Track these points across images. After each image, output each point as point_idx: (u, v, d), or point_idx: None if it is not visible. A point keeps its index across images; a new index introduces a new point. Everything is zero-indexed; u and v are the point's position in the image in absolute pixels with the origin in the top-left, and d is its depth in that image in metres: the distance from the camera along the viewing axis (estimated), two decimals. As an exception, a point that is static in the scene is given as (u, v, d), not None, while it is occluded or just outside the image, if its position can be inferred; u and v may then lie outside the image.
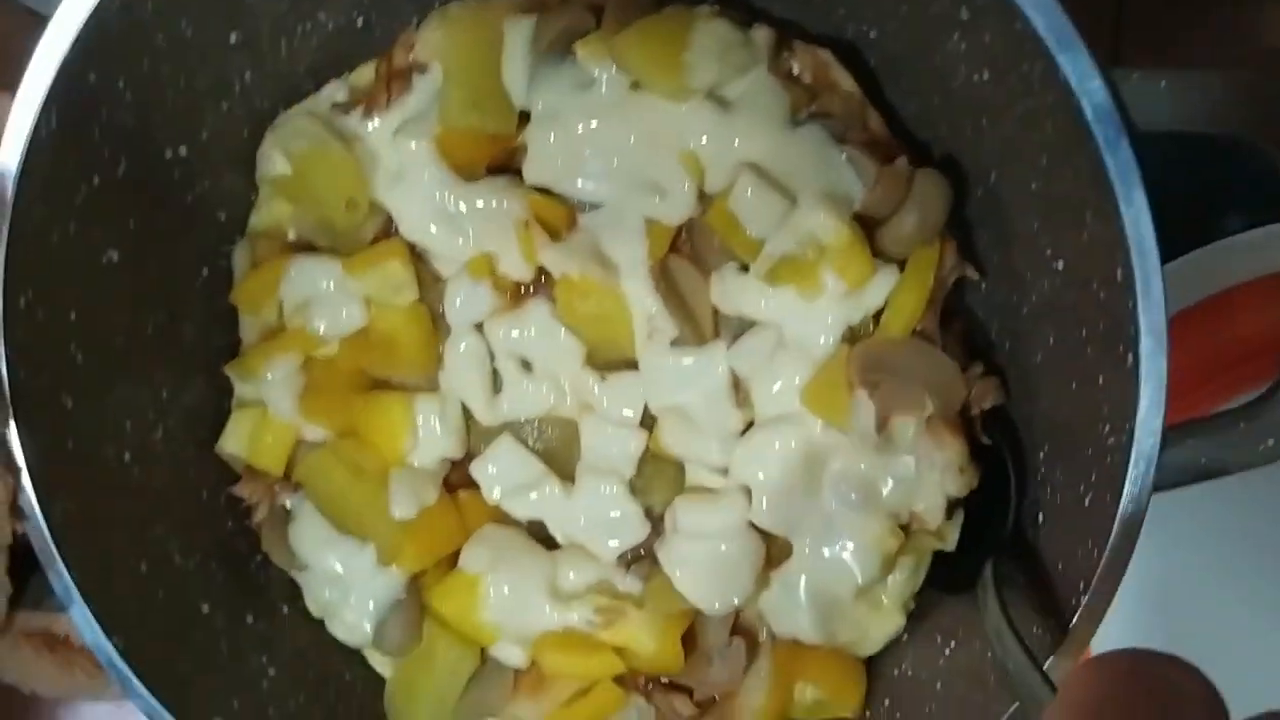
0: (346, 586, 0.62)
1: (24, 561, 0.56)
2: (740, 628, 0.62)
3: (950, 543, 0.60)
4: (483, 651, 0.63)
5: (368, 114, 0.61)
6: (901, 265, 0.57)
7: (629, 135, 0.58)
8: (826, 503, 0.58)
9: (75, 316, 0.57)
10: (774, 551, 0.60)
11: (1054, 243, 0.55)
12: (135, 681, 0.56)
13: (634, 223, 0.58)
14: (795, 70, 0.59)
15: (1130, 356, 0.49)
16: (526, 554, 0.62)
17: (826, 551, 0.59)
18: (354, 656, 0.66)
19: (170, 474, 0.63)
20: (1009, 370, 0.61)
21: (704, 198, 0.58)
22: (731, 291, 0.58)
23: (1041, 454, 0.59)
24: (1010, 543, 0.59)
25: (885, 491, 0.58)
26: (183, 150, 0.60)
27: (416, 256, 0.61)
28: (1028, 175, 0.55)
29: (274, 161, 0.62)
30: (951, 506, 0.59)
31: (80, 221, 0.56)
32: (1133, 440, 0.49)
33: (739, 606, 0.60)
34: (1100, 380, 0.52)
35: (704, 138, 0.57)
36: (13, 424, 0.54)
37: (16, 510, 0.54)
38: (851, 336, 0.57)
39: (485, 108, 0.59)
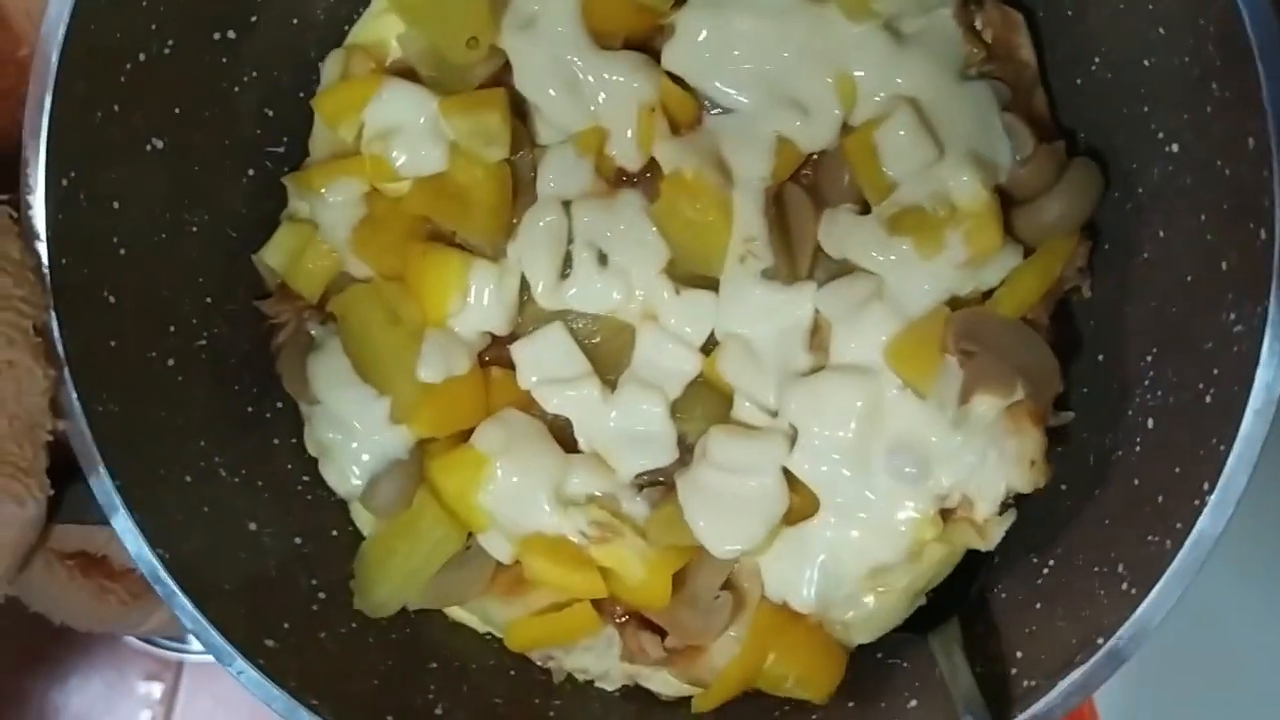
0: (351, 432, 0.59)
1: (62, 473, 0.53)
2: (730, 582, 0.59)
3: (990, 542, 0.56)
4: (468, 537, 0.60)
5: None
6: (1027, 253, 0.55)
7: (788, 45, 0.55)
8: (875, 468, 0.55)
9: (118, 206, 0.53)
10: (795, 507, 0.56)
11: (1168, 123, 0.51)
12: (180, 596, 0.53)
13: (766, 136, 0.55)
14: (978, 25, 0.56)
15: (1263, 232, 0.45)
16: (542, 448, 0.58)
17: (856, 520, 0.56)
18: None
19: (213, 385, 0.59)
20: (1108, 276, 0.58)
21: (843, 129, 0.55)
22: (843, 232, 0.55)
23: (1148, 358, 0.55)
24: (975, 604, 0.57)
25: (943, 470, 0.55)
26: (231, 34, 0.57)
27: (517, 113, 0.58)
28: (1138, 50, 0.51)
29: None
30: (1005, 505, 0.56)
31: (123, 101, 0.53)
32: (1266, 321, 0.45)
33: (744, 553, 0.57)
34: (1225, 265, 0.48)
35: (868, 66, 0.55)
36: (54, 314, 0.51)
37: (57, 407, 0.51)
38: (953, 304, 0.55)
39: None
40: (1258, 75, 0.44)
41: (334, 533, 0.63)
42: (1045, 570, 0.57)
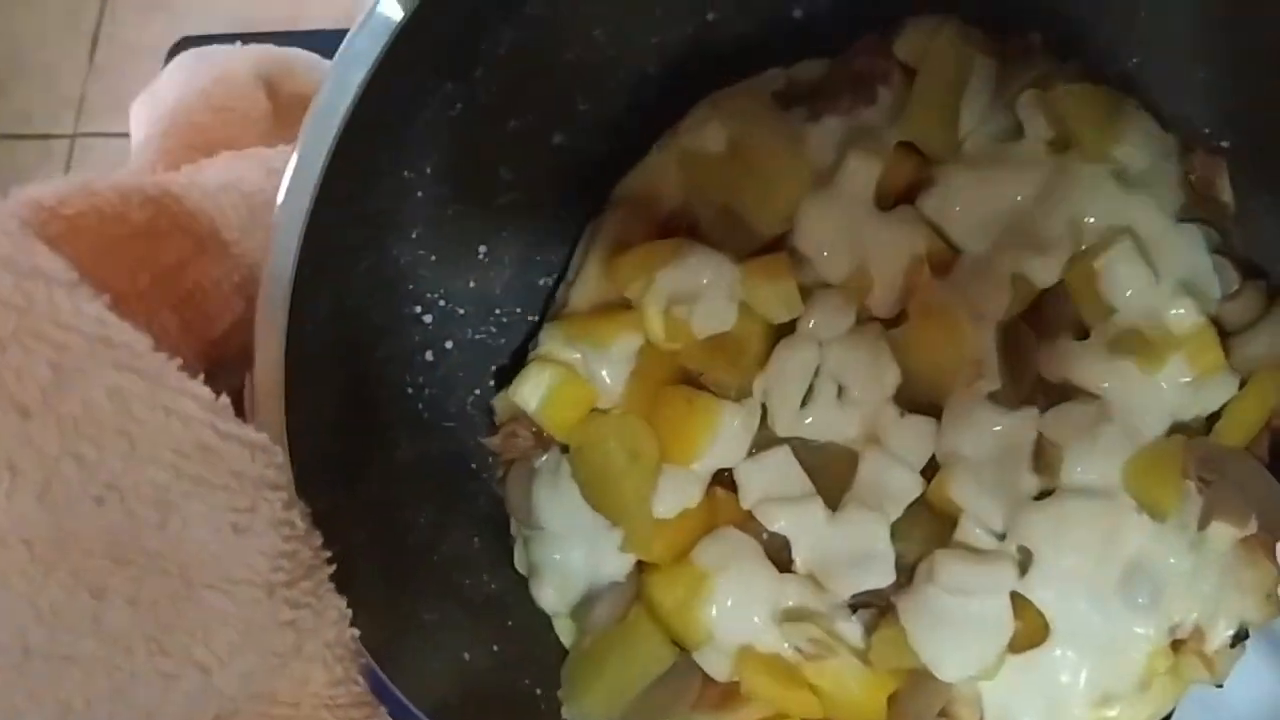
0: (571, 556, 0.61)
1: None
2: (946, 710, 0.58)
3: (1219, 677, 0.55)
4: (681, 651, 0.60)
5: (816, 115, 0.60)
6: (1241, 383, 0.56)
7: (1030, 190, 0.58)
8: (1109, 594, 0.55)
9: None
10: (1022, 633, 0.56)
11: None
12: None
13: (1002, 275, 0.57)
14: (1189, 174, 0.59)
15: None
16: (759, 565, 0.59)
17: (1087, 647, 0.55)
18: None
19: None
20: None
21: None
22: (1064, 357, 0.57)
23: None
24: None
25: (1178, 597, 0.54)
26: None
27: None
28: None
29: (710, 136, 0.61)
30: (1237, 638, 0.55)
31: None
32: None
33: (973, 677, 0.56)
34: None
35: (1098, 208, 0.57)
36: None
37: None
38: (1182, 430, 0.56)
39: (943, 129, 0.59)
40: None
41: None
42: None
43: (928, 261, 0.58)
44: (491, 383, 0.64)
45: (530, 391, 0.61)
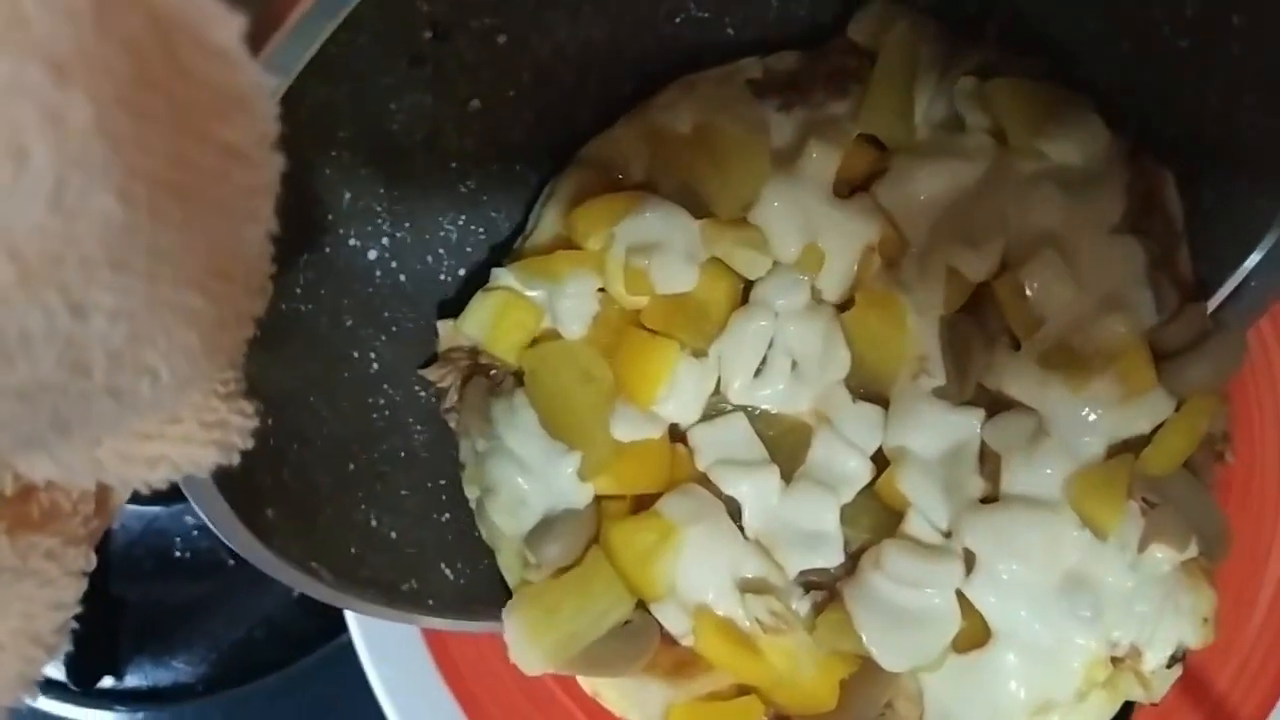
0: (529, 475, 0.58)
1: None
2: (889, 703, 0.58)
3: (1154, 695, 0.57)
4: (639, 606, 0.58)
5: (788, 106, 0.61)
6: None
7: (969, 184, 0.59)
8: (1050, 604, 0.55)
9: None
10: (966, 634, 0.56)
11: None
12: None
13: (938, 268, 0.58)
14: (1132, 182, 0.60)
15: None
16: (727, 527, 0.58)
17: (1029, 654, 0.56)
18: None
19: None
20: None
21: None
22: (1001, 366, 0.58)
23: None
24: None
25: (1117, 615, 0.55)
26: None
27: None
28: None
29: (678, 117, 0.62)
30: (1173, 659, 0.56)
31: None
32: None
33: (916, 668, 0.56)
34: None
35: (1028, 210, 0.58)
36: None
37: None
38: (1123, 448, 0.56)
39: (899, 120, 0.61)
40: None
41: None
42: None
43: (880, 251, 0.59)
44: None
45: (476, 319, 0.60)
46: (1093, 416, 0.56)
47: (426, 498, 0.60)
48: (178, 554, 0.80)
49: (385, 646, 0.65)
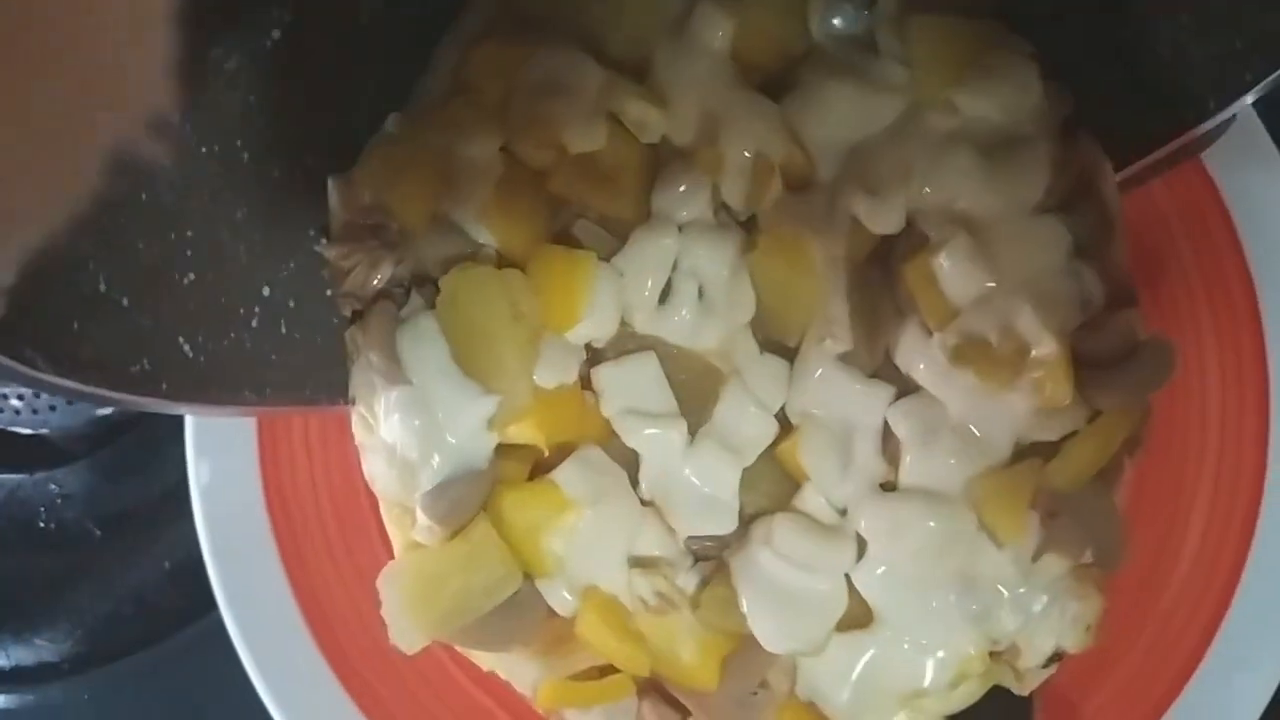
0: (433, 427, 0.53)
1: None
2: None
3: (1024, 688, 0.57)
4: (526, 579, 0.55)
5: None
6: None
7: (881, 123, 0.55)
8: (937, 597, 0.54)
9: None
10: (848, 614, 0.55)
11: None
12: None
13: (844, 212, 0.55)
14: (1064, 158, 0.55)
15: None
16: (625, 499, 0.55)
17: (908, 642, 0.55)
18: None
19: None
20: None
21: (913, 236, 0.54)
22: (910, 347, 0.54)
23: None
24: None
25: (1003, 615, 0.55)
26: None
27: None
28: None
29: None
30: (1049, 659, 0.56)
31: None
32: None
33: (800, 654, 0.55)
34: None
35: (942, 166, 0.54)
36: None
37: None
38: (1030, 452, 0.54)
39: (787, 16, 0.57)
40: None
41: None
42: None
43: (781, 171, 0.55)
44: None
45: (381, 172, 0.54)
46: (1002, 417, 0.53)
47: (168, 250, 0.48)
48: (41, 524, 0.76)
49: (258, 621, 0.61)
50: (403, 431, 0.54)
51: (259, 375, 0.52)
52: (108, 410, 0.74)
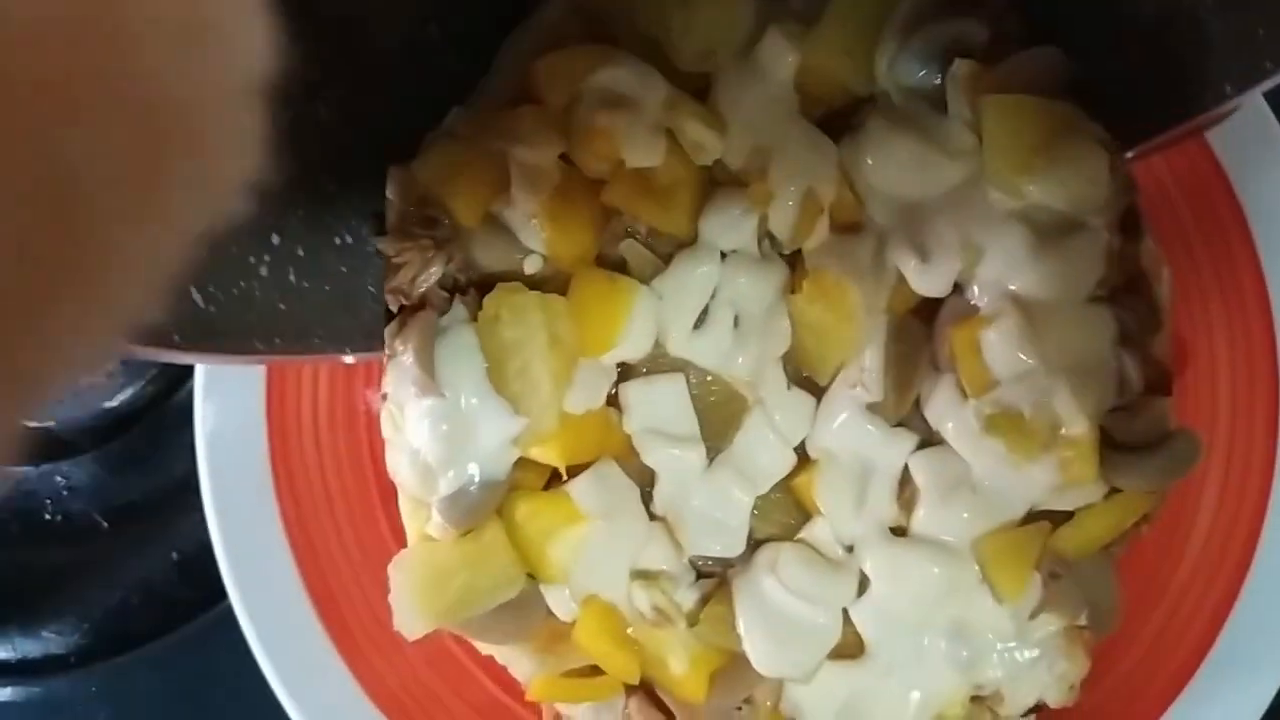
0: (461, 437, 0.54)
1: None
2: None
3: None
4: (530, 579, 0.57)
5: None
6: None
7: (938, 187, 0.55)
8: (929, 641, 0.56)
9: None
10: (840, 644, 0.56)
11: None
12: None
13: (891, 265, 0.55)
14: (1120, 252, 0.56)
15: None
16: (635, 515, 0.57)
17: (895, 679, 0.56)
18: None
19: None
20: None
21: (958, 303, 0.55)
22: (943, 408, 0.55)
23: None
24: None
25: (992, 665, 0.56)
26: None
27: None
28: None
29: None
30: (1030, 710, 0.57)
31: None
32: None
33: (790, 679, 0.56)
34: None
35: (1000, 244, 0.54)
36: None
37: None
38: (1041, 515, 0.55)
39: (848, 59, 0.57)
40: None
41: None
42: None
43: (829, 212, 0.55)
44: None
45: (438, 167, 0.55)
46: (1023, 486, 0.54)
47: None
48: (48, 516, 0.75)
49: (268, 610, 0.61)
50: (429, 439, 0.54)
51: (268, 324, 0.53)
52: (114, 402, 0.74)
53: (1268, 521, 0.62)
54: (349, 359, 0.58)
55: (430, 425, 0.54)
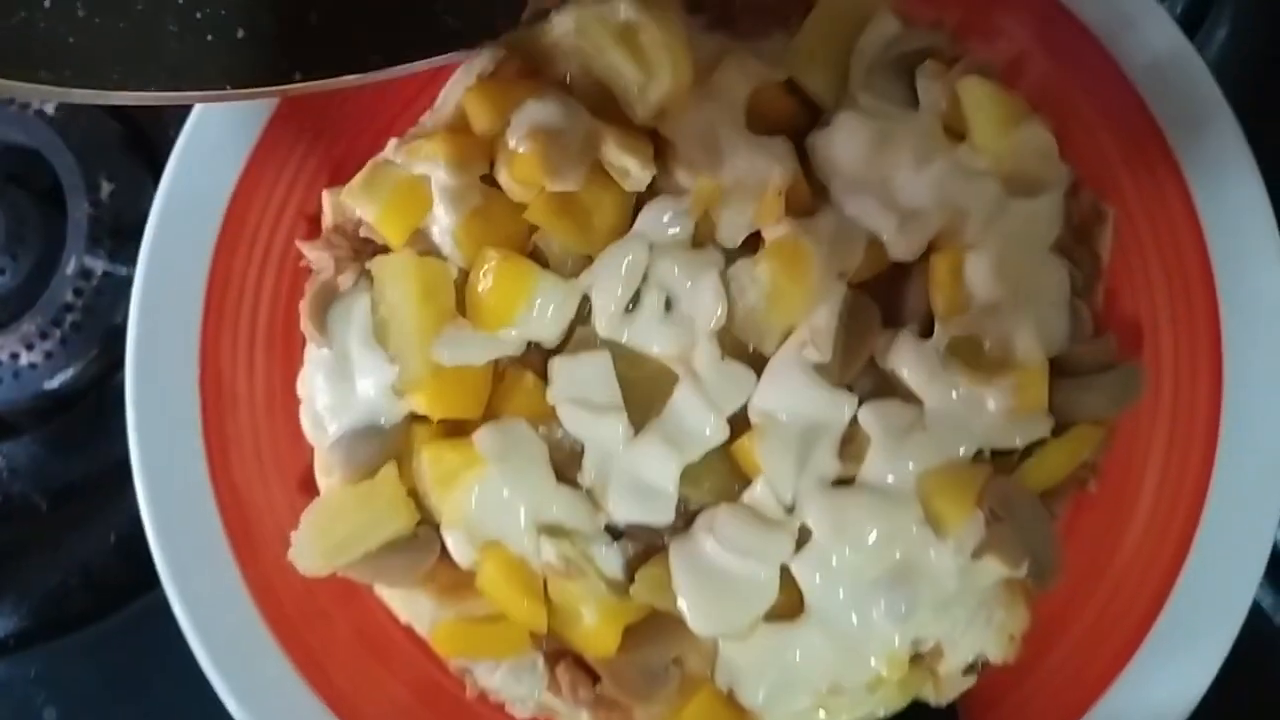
0: (349, 384, 0.59)
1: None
2: (679, 656, 0.58)
3: (942, 699, 0.59)
4: (420, 525, 0.58)
5: (712, 27, 0.60)
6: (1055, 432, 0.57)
7: (914, 160, 0.57)
8: (869, 593, 0.56)
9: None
10: (778, 605, 0.57)
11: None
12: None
13: (859, 233, 0.57)
14: (1070, 211, 0.60)
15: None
16: (539, 468, 0.57)
17: (833, 636, 0.56)
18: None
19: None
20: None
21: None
22: (903, 348, 0.56)
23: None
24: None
25: (932, 615, 0.56)
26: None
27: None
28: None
29: (617, 7, 0.58)
30: (970, 668, 0.58)
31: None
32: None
33: (723, 636, 0.57)
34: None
35: (976, 206, 0.57)
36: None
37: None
38: (987, 457, 0.56)
39: (826, 72, 0.60)
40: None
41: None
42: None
43: (787, 198, 0.56)
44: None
45: (368, 192, 0.59)
46: (976, 419, 0.56)
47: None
48: (-14, 497, 0.74)
49: (200, 591, 0.61)
50: (322, 388, 0.60)
51: (56, 56, 0.51)
52: (54, 384, 0.73)
53: (1209, 502, 0.62)
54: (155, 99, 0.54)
55: (323, 376, 0.60)
